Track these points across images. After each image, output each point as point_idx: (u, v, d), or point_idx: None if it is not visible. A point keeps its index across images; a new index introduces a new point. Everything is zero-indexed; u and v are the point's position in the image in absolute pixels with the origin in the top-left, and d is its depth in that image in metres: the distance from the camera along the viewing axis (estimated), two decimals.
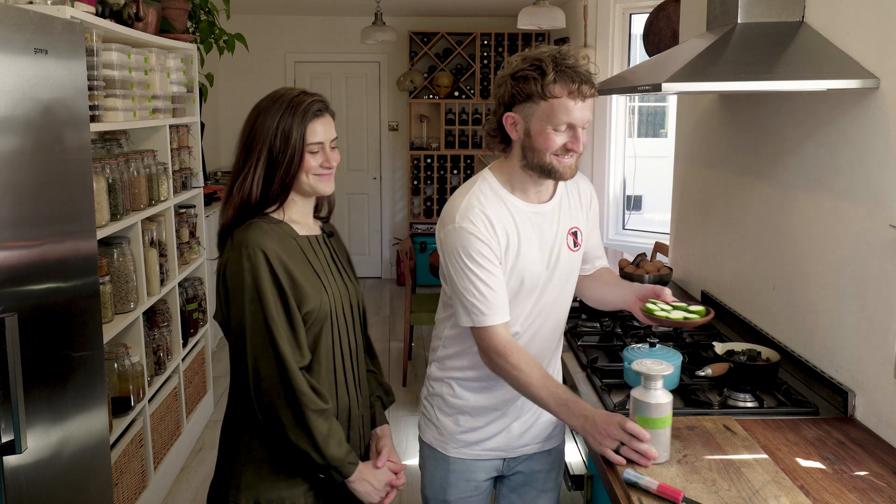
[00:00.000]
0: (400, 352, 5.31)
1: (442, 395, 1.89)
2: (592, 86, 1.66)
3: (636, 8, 5.19)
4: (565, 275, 1.84)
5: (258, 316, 1.55)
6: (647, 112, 6.38)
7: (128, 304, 2.91)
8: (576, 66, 1.65)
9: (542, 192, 1.80)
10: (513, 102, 1.69)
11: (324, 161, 1.66)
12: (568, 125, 1.66)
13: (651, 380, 1.57)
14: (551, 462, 1.97)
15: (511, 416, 1.87)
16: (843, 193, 1.92)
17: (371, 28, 5.87)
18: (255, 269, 1.55)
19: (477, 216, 1.71)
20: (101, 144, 3.01)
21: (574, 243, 1.84)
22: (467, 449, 1.89)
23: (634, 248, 4.78)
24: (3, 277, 1.69)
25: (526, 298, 1.79)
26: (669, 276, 3.06)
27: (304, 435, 1.56)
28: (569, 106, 1.64)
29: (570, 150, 1.68)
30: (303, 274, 1.62)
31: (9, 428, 1.65)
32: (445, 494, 1.92)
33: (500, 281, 1.72)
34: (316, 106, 1.64)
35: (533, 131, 1.68)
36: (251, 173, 1.62)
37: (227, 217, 1.65)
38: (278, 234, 1.63)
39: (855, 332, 1.88)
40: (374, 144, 7.26)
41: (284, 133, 1.61)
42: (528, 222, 1.77)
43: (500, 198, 1.76)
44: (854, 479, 1.58)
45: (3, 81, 1.69)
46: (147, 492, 3.13)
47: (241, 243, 1.58)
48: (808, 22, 2.04)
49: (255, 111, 1.65)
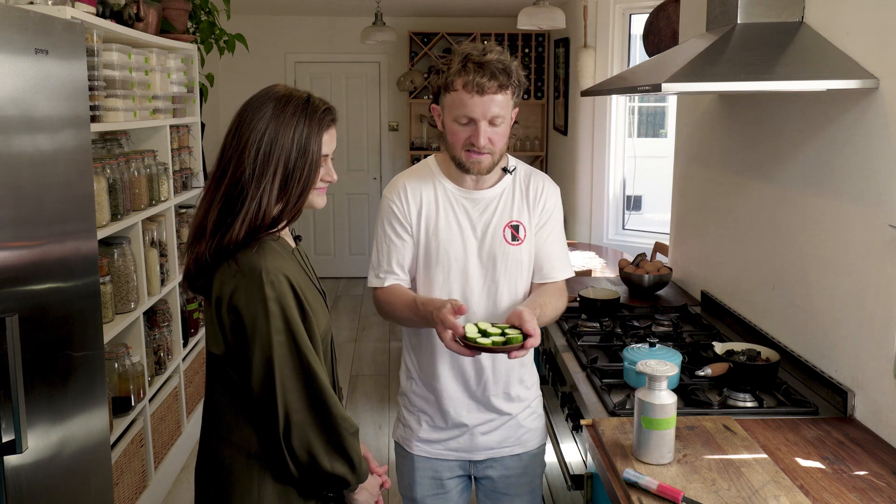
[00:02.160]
0: (400, 352, 5.31)
1: (406, 393, 1.97)
2: (497, 80, 1.66)
3: (636, 8, 5.19)
4: (502, 266, 1.84)
5: (290, 346, 1.42)
6: (647, 112, 6.39)
7: (128, 304, 2.91)
8: (483, 60, 1.66)
9: (480, 181, 1.84)
10: (437, 96, 1.78)
11: (325, 174, 1.54)
12: (468, 119, 1.69)
13: (656, 381, 1.57)
14: (524, 466, 1.97)
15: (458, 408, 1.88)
16: (843, 193, 1.92)
17: (371, 28, 5.87)
18: (281, 297, 1.41)
19: (399, 188, 1.84)
20: (101, 144, 3.01)
21: (513, 236, 1.84)
22: (428, 447, 1.92)
23: (634, 249, 4.78)
24: (4, 277, 1.69)
25: (440, 270, 1.83)
26: (669, 276, 3.06)
27: (342, 459, 1.48)
28: (464, 99, 1.68)
29: (474, 146, 1.70)
30: (311, 293, 1.52)
31: (9, 428, 1.66)
32: (412, 492, 1.95)
33: (403, 250, 1.84)
34: (329, 115, 1.52)
35: (445, 124, 1.76)
36: (268, 189, 1.44)
37: (233, 236, 1.44)
38: (285, 252, 1.51)
39: (854, 332, 1.88)
40: (374, 144, 7.26)
41: (302, 144, 1.46)
42: (454, 203, 1.84)
43: (433, 177, 1.86)
44: (854, 479, 1.58)
45: (4, 81, 1.69)
46: (147, 491, 3.13)
47: (258, 269, 1.42)
48: (808, 22, 2.04)
49: (263, 115, 1.46)
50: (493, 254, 1.83)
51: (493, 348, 1.62)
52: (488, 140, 1.71)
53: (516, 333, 1.66)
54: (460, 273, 1.83)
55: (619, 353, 2.21)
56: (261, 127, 1.45)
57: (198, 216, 1.50)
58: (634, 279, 3.05)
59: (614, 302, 2.72)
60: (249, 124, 1.46)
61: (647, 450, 1.59)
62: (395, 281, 1.86)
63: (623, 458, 1.62)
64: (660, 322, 2.60)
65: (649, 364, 1.59)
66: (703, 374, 2.01)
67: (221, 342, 1.48)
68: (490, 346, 1.62)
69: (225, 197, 1.47)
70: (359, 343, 5.55)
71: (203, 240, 1.47)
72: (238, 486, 1.51)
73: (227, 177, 1.47)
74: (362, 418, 4.22)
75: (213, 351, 1.50)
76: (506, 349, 1.63)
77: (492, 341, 1.63)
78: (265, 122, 1.46)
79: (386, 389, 4.67)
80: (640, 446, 1.60)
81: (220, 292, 1.45)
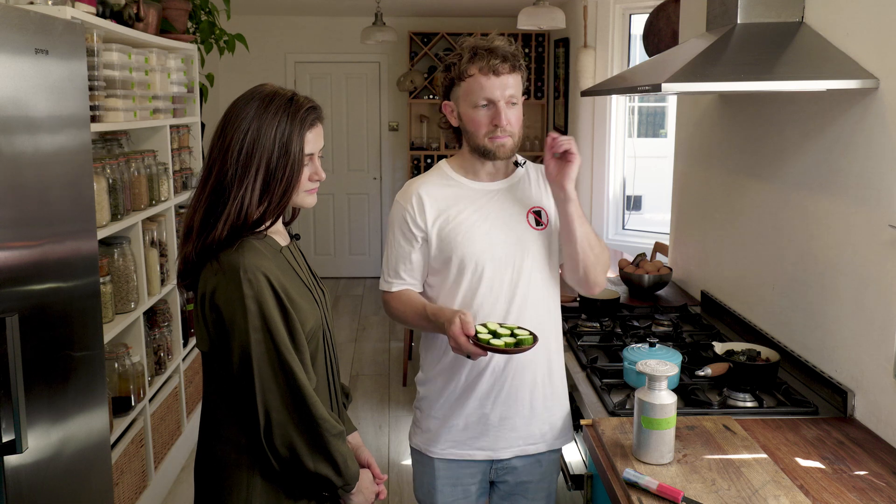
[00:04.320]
0: (400, 352, 5.32)
1: (426, 397, 1.94)
2: (509, 62, 1.75)
3: (636, 8, 5.19)
4: (529, 251, 1.84)
5: (267, 345, 1.43)
6: (646, 112, 6.39)
7: (128, 304, 2.91)
8: (491, 47, 1.75)
9: (495, 174, 1.87)
10: (447, 92, 1.83)
11: (313, 173, 1.53)
12: (487, 100, 1.75)
13: (656, 380, 1.57)
14: (542, 472, 1.96)
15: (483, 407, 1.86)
16: (843, 193, 1.93)
17: (371, 28, 5.87)
18: (258, 294, 1.42)
19: (412, 194, 1.85)
20: (101, 144, 3.01)
21: (537, 222, 1.86)
22: (454, 449, 1.89)
23: (634, 248, 4.78)
24: (4, 277, 1.69)
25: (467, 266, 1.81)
26: (669, 276, 3.06)
27: (325, 460, 1.47)
28: (481, 82, 1.74)
29: (498, 127, 1.75)
30: (297, 290, 1.52)
31: (9, 428, 1.66)
32: (433, 498, 1.94)
33: (413, 256, 1.85)
34: (313, 114, 1.51)
35: (462, 114, 1.80)
36: (249, 190, 1.45)
37: (216, 236, 1.46)
38: (269, 251, 1.51)
39: (854, 331, 1.88)
40: (374, 144, 7.26)
41: (283, 143, 1.46)
42: (474, 198, 1.84)
43: (448, 178, 1.87)
44: (853, 479, 1.58)
45: (4, 82, 1.69)
46: (148, 491, 3.13)
47: (236, 267, 1.43)
48: (808, 22, 2.05)
49: (246, 115, 1.46)
50: (520, 240, 1.83)
51: (505, 350, 1.64)
52: (508, 121, 1.76)
53: (526, 334, 1.69)
54: (489, 266, 1.81)
55: (619, 353, 2.21)
56: (244, 127, 1.46)
57: (187, 217, 1.53)
58: (634, 279, 3.05)
59: (614, 302, 2.72)
60: (234, 124, 1.47)
61: (647, 450, 1.59)
62: (403, 287, 1.88)
63: (623, 458, 1.62)
64: (660, 322, 2.60)
65: (649, 364, 1.60)
66: (703, 374, 2.01)
67: (206, 339, 1.49)
68: (503, 347, 1.64)
69: (210, 198, 1.48)
70: (359, 343, 5.55)
71: (190, 240, 1.49)
72: (230, 482, 1.52)
73: (213, 177, 1.48)
74: (362, 418, 4.22)
75: (200, 348, 1.52)
76: (519, 350, 1.66)
77: (504, 343, 1.65)
78: (248, 121, 1.46)
79: (386, 389, 4.67)
80: (640, 446, 1.60)
81: (204, 289, 1.47)
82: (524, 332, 1.70)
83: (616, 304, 2.73)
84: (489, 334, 1.68)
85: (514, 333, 1.69)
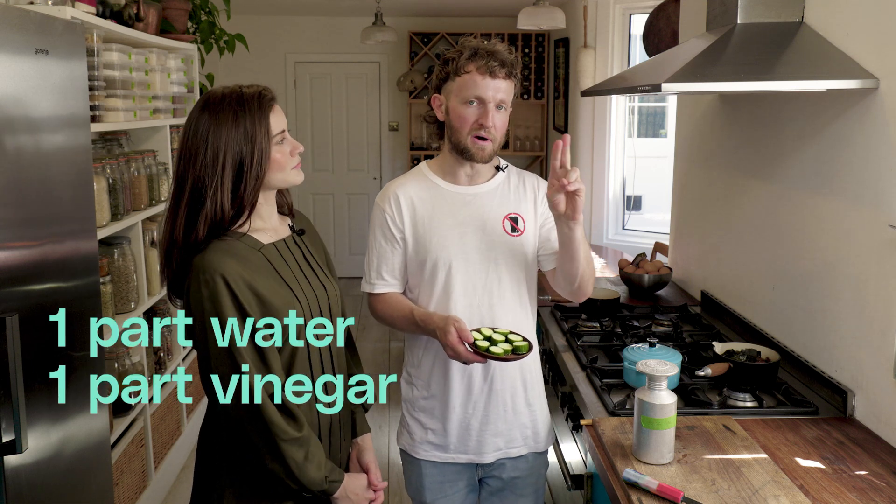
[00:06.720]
0: (400, 352, 5.32)
1: (409, 399, 1.97)
2: (507, 68, 1.76)
3: (636, 8, 5.19)
4: (503, 258, 1.85)
5: (221, 345, 1.47)
6: (646, 112, 6.39)
7: (128, 304, 2.91)
8: (492, 50, 1.77)
9: (474, 177, 1.88)
10: (439, 85, 1.85)
11: (292, 148, 1.57)
12: (478, 99, 1.76)
13: (656, 381, 1.57)
14: (530, 468, 1.97)
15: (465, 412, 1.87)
16: (843, 193, 1.93)
17: (371, 28, 5.87)
18: (213, 295, 1.46)
19: (390, 195, 1.88)
20: (101, 144, 3.02)
21: (512, 228, 1.86)
22: (438, 452, 1.92)
23: (634, 248, 4.78)
24: (4, 277, 1.69)
25: (440, 268, 1.83)
26: (669, 276, 3.06)
27: (278, 463, 1.49)
28: (476, 80, 1.76)
29: (483, 127, 1.76)
30: (270, 289, 1.53)
31: (9, 428, 1.66)
32: (422, 496, 1.96)
33: (393, 257, 1.88)
34: (268, 95, 1.55)
35: (451, 109, 1.81)
36: (219, 189, 1.49)
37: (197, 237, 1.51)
38: (240, 249, 1.53)
39: (854, 331, 1.88)
40: (374, 144, 7.26)
41: (247, 133, 1.50)
42: (451, 200, 1.86)
43: (426, 180, 1.89)
44: (853, 479, 1.58)
45: (4, 82, 1.69)
46: (148, 491, 3.14)
47: (198, 269, 1.48)
48: (808, 22, 2.05)
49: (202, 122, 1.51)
50: (494, 246, 1.84)
51: (504, 357, 1.66)
52: (494, 124, 1.77)
53: (521, 341, 1.71)
54: (462, 269, 1.83)
55: (619, 353, 2.21)
56: (202, 132, 1.51)
57: (165, 232, 1.55)
58: (634, 279, 3.05)
59: (614, 302, 2.72)
60: (195, 134, 1.52)
61: (647, 450, 1.59)
62: (385, 289, 1.91)
63: (623, 458, 1.62)
64: (660, 322, 2.60)
65: (649, 364, 1.60)
66: (703, 374, 2.01)
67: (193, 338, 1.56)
68: (502, 354, 1.66)
69: (188, 205, 1.52)
70: (359, 343, 5.54)
71: (175, 248, 1.53)
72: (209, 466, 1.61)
73: (188, 185, 1.52)
74: None
75: (186, 338, 1.58)
76: (517, 357, 1.68)
77: (503, 350, 1.67)
78: (205, 125, 1.51)
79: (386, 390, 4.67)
80: (640, 446, 1.60)
81: (185, 287, 1.54)
82: (518, 338, 1.73)
83: (616, 304, 2.73)
84: (486, 341, 1.70)
85: (509, 339, 1.72)
